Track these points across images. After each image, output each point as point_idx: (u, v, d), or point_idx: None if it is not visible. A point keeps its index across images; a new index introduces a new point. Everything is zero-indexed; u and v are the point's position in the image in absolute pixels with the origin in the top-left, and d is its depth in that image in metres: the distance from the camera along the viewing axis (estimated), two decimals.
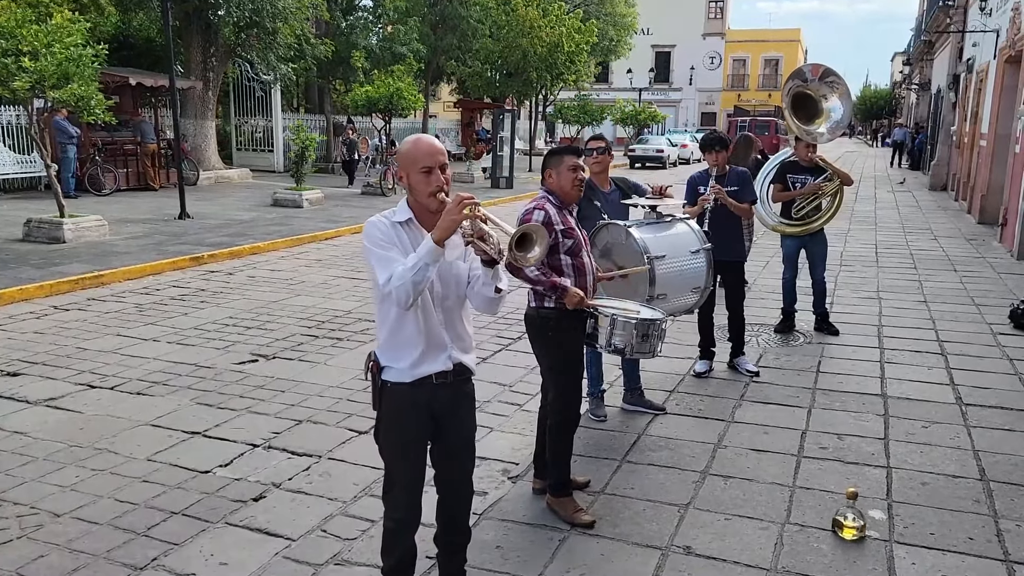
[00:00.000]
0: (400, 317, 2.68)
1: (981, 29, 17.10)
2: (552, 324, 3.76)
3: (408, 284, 2.50)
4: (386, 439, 2.83)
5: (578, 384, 3.88)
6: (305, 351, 6.52)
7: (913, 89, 40.39)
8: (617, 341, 3.80)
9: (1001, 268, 10.54)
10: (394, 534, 2.89)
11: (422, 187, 2.63)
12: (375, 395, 2.80)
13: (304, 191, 15.85)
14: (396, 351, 2.73)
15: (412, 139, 2.72)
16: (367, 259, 2.65)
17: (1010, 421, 5.07)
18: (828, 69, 6.81)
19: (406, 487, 2.84)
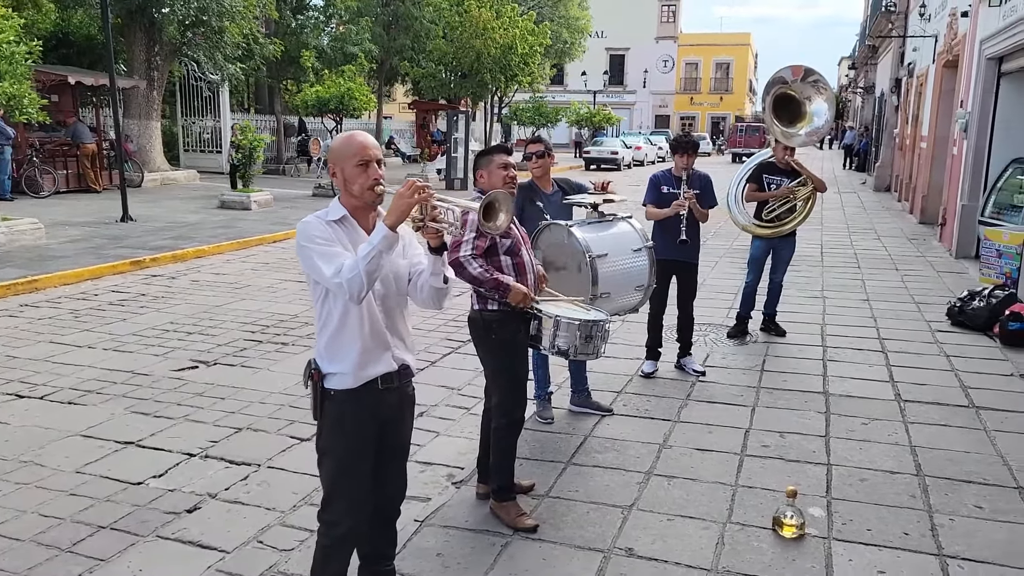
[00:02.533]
0: (344, 317, 2.61)
1: (921, 35, 17.59)
2: (496, 327, 3.72)
3: (362, 274, 2.43)
4: (331, 451, 2.71)
5: (522, 387, 3.84)
6: (248, 356, 6.38)
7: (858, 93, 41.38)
8: (560, 343, 3.76)
9: (940, 267, 10.82)
10: (331, 551, 2.77)
11: (360, 181, 2.58)
12: (316, 405, 2.69)
13: (252, 193, 15.58)
14: (339, 354, 2.64)
15: (344, 135, 2.69)
16: (305, 258, 2.56)
17: (946, 417, 5.18)
18: (809, 69, 6.83)
19: (351, 501, 2.73)
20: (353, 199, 2.62)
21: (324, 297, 2.63)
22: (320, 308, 2.65)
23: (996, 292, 7.48)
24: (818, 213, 16.35)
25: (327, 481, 2.75)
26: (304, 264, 2.59)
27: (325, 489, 2.76)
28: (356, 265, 2.45)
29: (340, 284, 2.46)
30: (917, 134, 17.42)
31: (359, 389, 2.66)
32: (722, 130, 57.69)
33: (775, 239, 6.96)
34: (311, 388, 2.70)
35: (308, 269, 2.58)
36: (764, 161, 7.06)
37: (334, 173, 2.63)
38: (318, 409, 2.69)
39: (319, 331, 2.68)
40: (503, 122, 38.34)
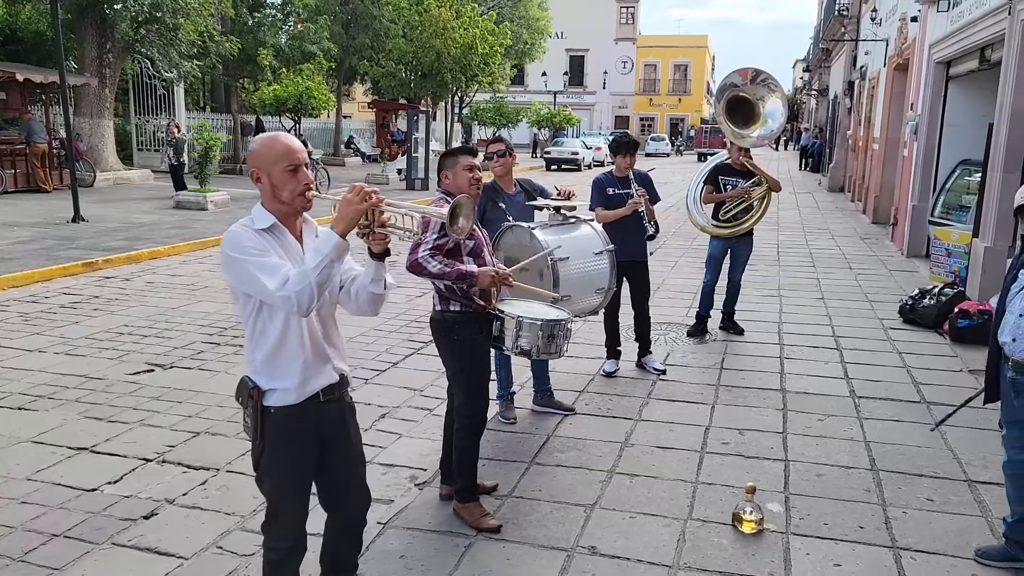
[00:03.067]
0: (283, 332, 2.48)
1: (872, 39, 18.00)
2: (458, 328, 3.72)
3: (312, 286, 2.31)
4: (272, 471, 2.60)
5: (485, 387, 3.85)
6: (205, 359, 6.27)
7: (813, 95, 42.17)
8: (523, 343, 3.77)
9: (892, 265, 11.09)
10: (278, 565, 2.71)
11: (290, 186, 2.46)
12: (256, 425, 2.53)
13: (209, 193, 15.32)
14: (279, 370, 2.51)
15: (267, 138, 2.53)
16: (239, 272, 2.40)
17: (898, 412, 5.31)
18: (757, 71, 6.97)
19: (294, 518, 2.68)
20: (282, 206, 2.49)
21: (257, 312, 2.48)
22: (252, 324, 2.50)
23: (946, 290, 7.69)
24: (774, 213, 16.63)
25: (269, 499, 2.66)
26: (235, 278, 2.43)
27: (268, 507, 2.68)
28: (305, 276, 2.33)
29: (287, 297, 2.33)
30: (869, 136, 17.82)
31: (302, 404, 2.54)
32: (681, 131, 58.34)
33: (732, 239, 7.07)
34: (249, 407, 2.53)
35: (242, 283, 2.42)
36: (720, 163, 7.16)
37: (258, 178, 2.48)
38: (257, 430, 2.53)
39: (252, 347, 2.52)
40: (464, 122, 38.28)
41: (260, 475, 2.64)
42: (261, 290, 2.38)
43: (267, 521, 2.70)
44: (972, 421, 5.12)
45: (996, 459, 4.54)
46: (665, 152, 47.03)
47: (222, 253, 2.43)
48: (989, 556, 3.45)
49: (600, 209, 5.87)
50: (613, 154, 5.93)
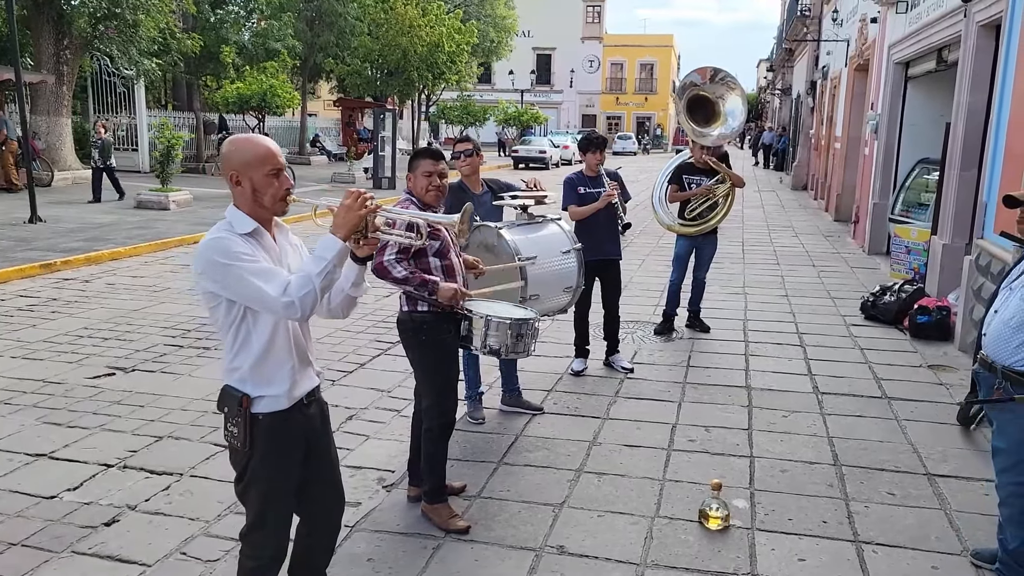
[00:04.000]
0: (271, 339, 2.44)
1: (834, 39, 18.29)
2: (426, 328, 3.70)
3: (316, 290, 2.30)
4: (261, 480, 2.53)
5: (454, 388, 3.83)
6: (168, 362, 6.17)
7: (776, 94, 42.75)
8: (492, 342, 3.75)
9: (854, 262, 11.28)
10: (257, 573, 2.66)
11: (272, 191, 2.41)
12: (245, 435, 2.44)
13: (171, 192, 15.08)
14: (267, 376, 2.45)
15: (246, 140, 2.47)
16: (232, 279, 2.32)
17: (860, 407, 5.40)
18: (716, 69, 7.04)
19: (281, 525, 2.63)
20: (262, 210, 2.44)
21: (240, 319, 2.41)
22: (235, 332, 2.43)
23: (905, 287, 7.84)
24: (739, 211, 16.84)
25: (256, 509, 2.59)
26: (225, 285, 2.34)
27: (252, 516, 2.61)
28: (308, 281, 2.30)
29: (291, 303, 2.29)
30: (831, 135, 18.11)
31: (289, 410, 2.51)
32: (647, 130, 58.75)
33: (698, 238, 7.13)
34: (238, 416, 2.45)
35: (232, 290, 2.34)
36: (683, 162, 7.23)
37: (237, 181, 2.40)
38: (246, 439, 2.47)
39: (235, 355, 2.45)
40: (431, 121, 38.13)
41: (246, 485, 2.56)
42: (259, 296, 2.32)
43: (250, 530, 2.63)
44: (932, 415, 5.23)
45: (956, 453, 4.66)
46: (632, 151, 47.32)
47: (206, 261, 2.33)
48: (982, 558, 3.48)
49: (573, 206, 5.88)
50: (583, 152, 5.95)
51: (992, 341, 3.18)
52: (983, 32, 7.47)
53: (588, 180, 5.93)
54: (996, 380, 3.14)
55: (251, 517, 2.61)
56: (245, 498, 2.60)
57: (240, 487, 2.59)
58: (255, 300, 2.35)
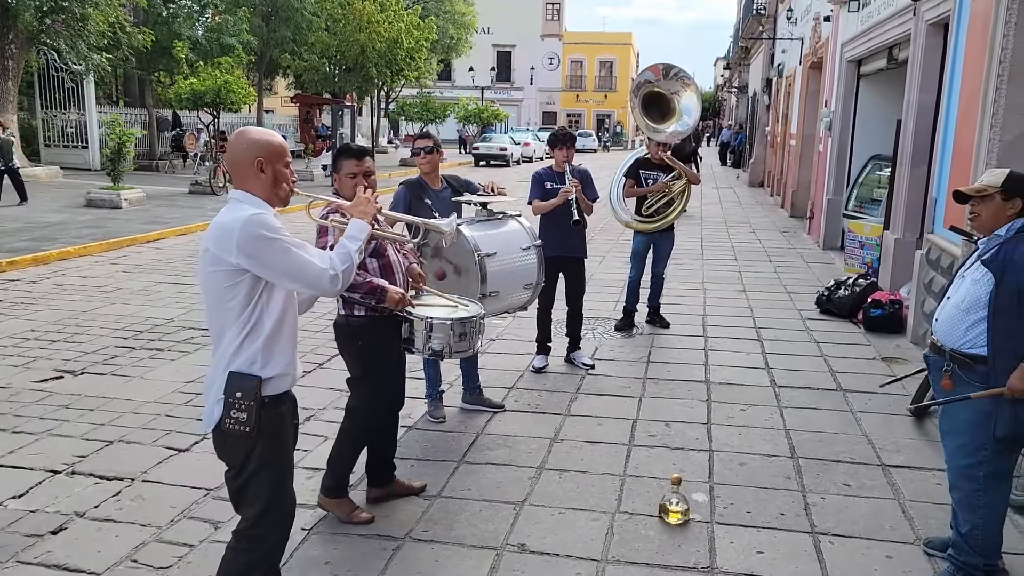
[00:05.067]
0: (281, 318, 2.51)
1: (788, 37, 18.56)
2: (364, 333, 3.61)
3: (354, 266, 2.52)
4: (272, 464, 2.53)
5: (383, 396, 3.78)
6: (119, 364, 6.01)
7: (733, 92, 43.30)
8: (435, 344, 3.65)
9: (809, 258, 11.47)
10: (255, 565, 2.62)
11: (286, 181, 2.56)
12: (255, 419, 2.44)
13: (123, 190, 14.73)
14: (275, 356, 2.51)
15: (265, 131, 2.62)
16: (277, 251, 2.39)
17: (816, 400, 5.48)
18: (668, 65, 7.08)
19: (285, 512, 2.64)
20: (275, 197, 2.55)
21: (258, 298, 2.45)
22: (250, 311, 2.45)
23: (859, 281, 7.98)
24: (697, 208, 17.03)
25: (263, 498, 2.55)
26: (261, 259, 2.38)
27: (258, 506, 2.55)
28: (349, 256, 2.52)
29: (336, 276, 2.46)
30: (787, 132, 18.39)
31: (288, 392, 2.61)
32: (607, 127, 59.06)
33: (655, 234, 7.18)
34: (251, 400, 2.44)
35: (268, 264, 2.39)
36: (640, 157, 7.27)
37: (261, 168, 2.49)
38: (255, 422, 2.45)
39: (244, 337, 2.46)
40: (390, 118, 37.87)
41: (253, 473, 2.52)
42: (304, 268, 2.44)
43: (253, 523, 2.58)
44: (885, 407, 5.32)
45: (908, 443, 4.75)
46: (592, 148, 47.53)
47: (247, 235, 2.36)
48: (934, 546, 3.54)
49: (537, 201, 5.89)
50: (551, 148, 5.97)
51: (943, 325, 3.28)
52: (932, 31, 7.64)
53: (556, 176, 5.93)
54: (944, 363, 3.23)
55: (259, 506, 2.56)
56: (245, 491, 2.56)
57: (240, 481, 2.55)
58: (297, 273, 2.44)
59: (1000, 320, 3.06)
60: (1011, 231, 3.14)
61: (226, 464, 2.59)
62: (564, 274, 5.99)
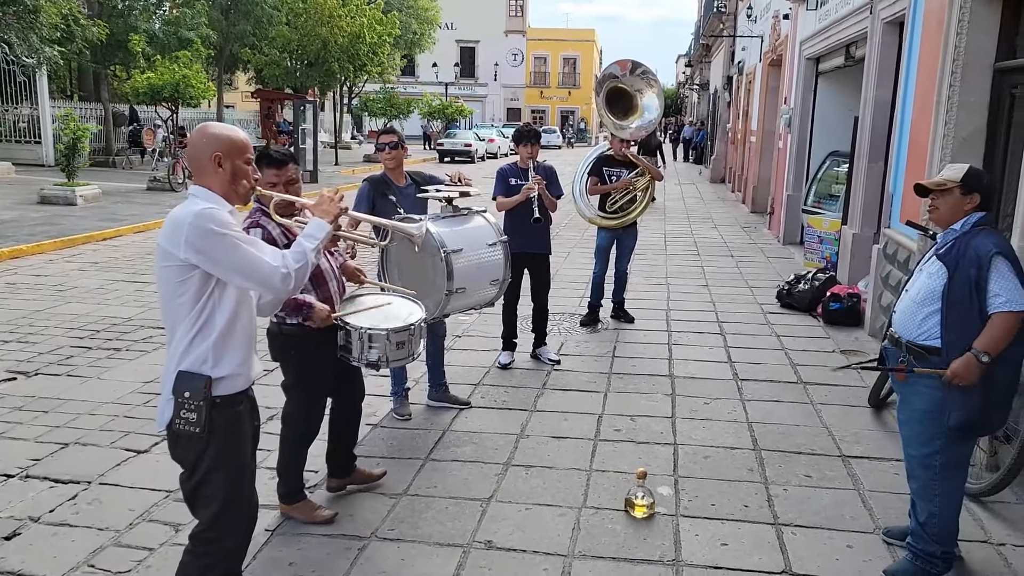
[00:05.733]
0: (234, 316, 2.45)
1: (748, 35, 18.78)
2: (296, 342, 3.52)
3: (308, 266, 2.44)
4: (222, 466, 2.48)
5: (319, 402, 3.75)
6: (75, 365, 5.87)
7: (695, 89, 43.70)
8: (371, 355, 3.53)
9: (770, 252, 11.63)
10: (210, 568, 2.57)
11: (246, 177, 2.51)
12: (205, 419, 2.41)
13: (78, 187, 14.38)
14: (227, 355, 2.45)
15: (226, 126, 2.56)
16: (227, 247, 2.33)
17: (777, 393, 5.56)
18: (635, 62, 7.12)
19: (242, 515, 2.57)
20: (234, 194, 2.50)
21: (208, 295, 2.40)
22: (200, 308, 2.41)
23: (818, 275, 8.11)
24: (661, 204, 17.17)
25: (218, 499, 2.51)
26: (210, 254, 2.33)
27: (213, 508, 2.52)
28: (304, 256, 2.44)
29: (288, 274, 2.38)
30: (747, 129, 18.61)
31: (244, 392, 2.56)
32: (571, 124, 59.22)
33: (618, 229, 7.21)
34: (200, 400, 2.41)
35: (218, 260, 2.34)
36: (603, 154, 7.29)
37: (220, 163, 2.45)
38: (206, 423, 2.41)
39: (194, 335, 2.42)
40: (353, 113, 37.54)
41: (205, 475, 2.49)
42: (255, 266, 2.37)
43: (208, 527, 2.54)
44: (844, 399, 5.42)
45: (867, 434, 4.84)
46: (556, 144, 47.63)
47: (196, 229, 2.31)
48: (893, 535, 3.61)
49: (501, 197, 5.88)
50: (516, 144, 5.96)
51: (900, 317, 3.36)
52: (888, 29, 7.78)
53: (521, 172, 5.93)
54: (901, 354, 3.30)
55: (214, 508, 2.52)
56: (199, 493, 2.52)
57: (193, 482, 2.51)
58: (247, 270, 2.37)
59: (953, 313, 3.13)
60: (967, 226, 3.21)
61: (179, 465, 2.55)
62: (529, 270, 6.00)
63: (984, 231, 3.16)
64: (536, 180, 5.75)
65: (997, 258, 3.06)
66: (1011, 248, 3.18)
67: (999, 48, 5.33)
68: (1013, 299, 3.02)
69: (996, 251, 3.06)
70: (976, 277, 3.07)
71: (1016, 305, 3.02)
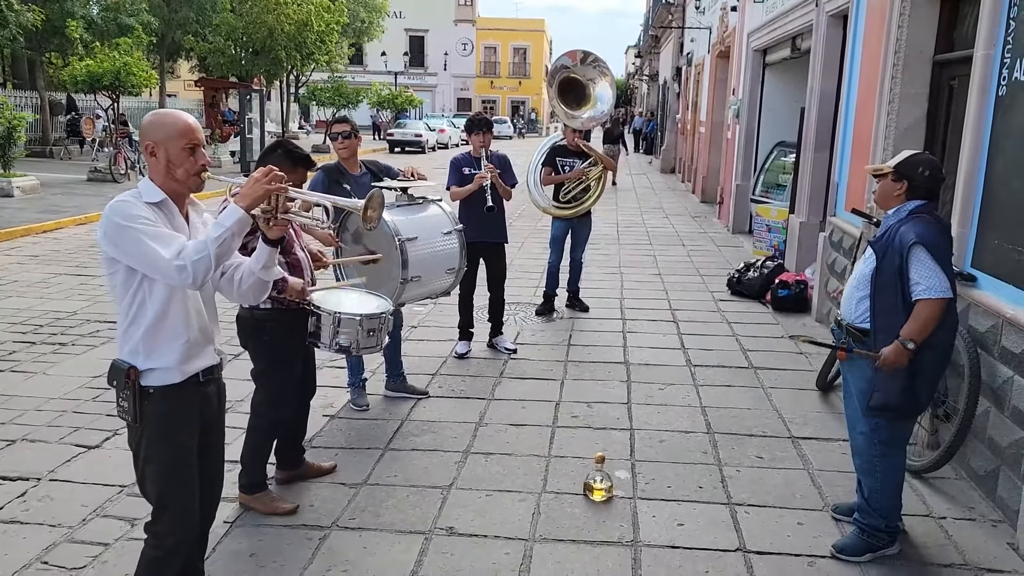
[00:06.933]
0: (164, 308, 2.39)
1: (697, 26, 19.03)
2: (269, 327, 3.55)
3: (211, 256, 2.28)
4: (157, 458, 2.46)
5: (288, 390, 3.75)
6: (18, 360, 5.70)
7: (644, 80, 44.10)
8: (342, 340, 3.59)
9: (720, 241, 11.85)
10: (159, 563, 2.55)
11: (186, 165, 2.41)
12: (135, 409, 2.41)
13: (14, 178, 13.89)
14: (159, 347, 2.41)
15: (167, 112, 2.48)
16: (128, 240, 2.29)
17: (729, 378, 5.69)
18: (586, 52, 7.16)
19: (182, 510, 2.53)
20: (174, 183, 2.42)
21: (137, 286, 2.38)
22: (130, 299, 2.39)
23: (767, 263, 8.30)
24: (612, 194, 17.32)
25: (154, 491, 2.50)
26: (120, 248, 2.31)
27: (153, 500, 2.52)
28: (204, 247, 2.29)
29: (183, 267, 2.27)
30: (696, 119, 18.88)
31: (183, 384, 2.47)
32: (522, 114, 59.24)
33: (573, 219, 7.27)
34: (126, 389, 2.41)
35: (127, 253, 2.31)
36: (556, 144, 7.33)
37: (152, 152, 2.40)
38: (136, 412, 2.42)
39: (127, 325, 2.42)
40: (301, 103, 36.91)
41: (142, 466, 2.49)
42: (152, 259, 2.29)
43: (153, 519, 2.53)
44: (793, 383, 5.57)
45: (815, 416, 4.99)
46: (508, 135, 47.62)
47: (106, 221, 2.32)
48: (841, 511, 3.74)
49: (454, 187, 5.88)
50: (468, 133, 5.96)
51: (843, 301, 3.52)
52: (832, 22, 7.98)
53: (474, 161, 5.93)
54: (843, 336, 3.45)
55: (153, 502, 2.53)
56: (144, 485, 2.53)
57: (138, 472, 2.52)
58: (149, 263, 2.31)
59: (880, 298, 3.26)
60: (901, 212, 3.31)
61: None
62: (485, 259, 6.01)
63: (915, 219, 3.23)
64: (488, 168, 5.77)
65: (916, 247, 3.13)
66: (938, 237, 3.22)
67: (938, 41, 5.52)
68: (932, 286, 3.12)
69: (916, 240, 3.14)
70: (899, 264, 3.18)
71: (934, 292, 3.12)
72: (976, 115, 4.28)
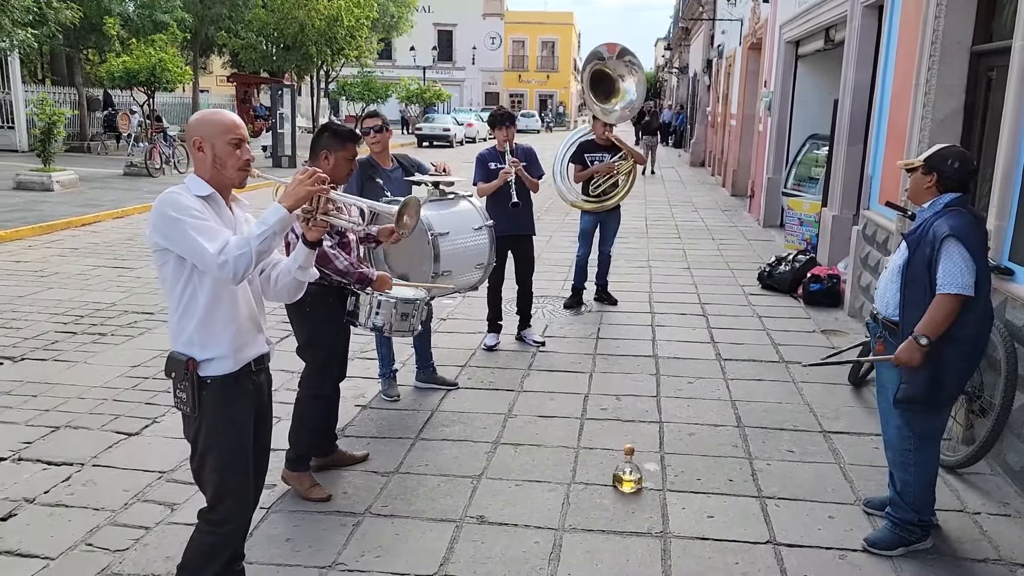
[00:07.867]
0: (213, 299, 2.46)
1: (728, 18, 18.85)
2: (310, 300, 3.63)
3: (252, 253, 2.34)
4: (215, 447, 2.52)
5: (332, 363, 3.89)
6: (61, 350, 5.86)
7: (674, 73, 43.79)
8: (377, 320, 3.80)
9: (750, 235, 11.76)
10: (216, 549, 2.62)
11: (232, 159, 2.48)
12: (194, 400, 2.46)
13: (54, 172, 14.19)
14: (213, 338, 2.47)
15: (213, 111, 2.57)
16: (177, 232, 2.35)
17: (760, 372, 5.67)
18: (624, 48, 7.13)
19: (241, 498, 2.60)
20: (221, 178, 2.50)
21: (188, 277, 2.44)
22: (181, 291, 2.46)
23: (799, 257, 8.23)
24: (641, 188, 17.24)
25: (213, 481, 2.56)
26: (170, 238, 2.37)
27: (211, 490, 2.57)
28: (246, 243, 2.35)
29: (225, 262, 2.32)
30: (727, 112, 18.72)
31: (238, 373, 2.53)
32: (549, 108, 59.11)
33: (602, 213, 7.26)
34: (184, 380, 2.47)
35: (175, 244, 2.38)
36: (583, 140, 7.28)
37: (200, 147, 2.47)
38: (194, 403, 2.47)
39: (179, 317, 2.48)
40: (331, 97, 37.22)
41: (201, 455, 2.55)
42: (198, 252, 2.35)
43: (212, 507, 2.60)
44: (825, 376, 5.53)
45: (847, 411, 4.96)
46: (536, 129, 47.56)
47: (157, 212, 2.38)
48: (873, 506, 3.73)
49: (481, 183, 5.91)
50: (491, 128, 5.98)
51: (878, 294, 3.50)
52: (867, 12, 7.87)
53: (499, 156, 5.95)
54: (879, 329, 3.44)
55: (211, 492, 2.59)
56: (202, 474, 2.59)
57: (195, 463, 2.58)
58: (195, 256, 2.38)
59: (909, 290, 3.24)
60: (936, 206, 3.28)
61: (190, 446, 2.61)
62: (513, 252, 6.04)
63: (951, 212, 3.19)
64: (513, 163, 5.79)
65: (949, 240, 3.10)
66: (973, 230, 3.18)
67: (976, 31, 5.43)
68: (951, 281, 3.07)
69: (949, 233, 3.10)
70: (930, 257, 3.15)
71: (951, 287, 3.07)
72: (1015, 106, 4.22)
